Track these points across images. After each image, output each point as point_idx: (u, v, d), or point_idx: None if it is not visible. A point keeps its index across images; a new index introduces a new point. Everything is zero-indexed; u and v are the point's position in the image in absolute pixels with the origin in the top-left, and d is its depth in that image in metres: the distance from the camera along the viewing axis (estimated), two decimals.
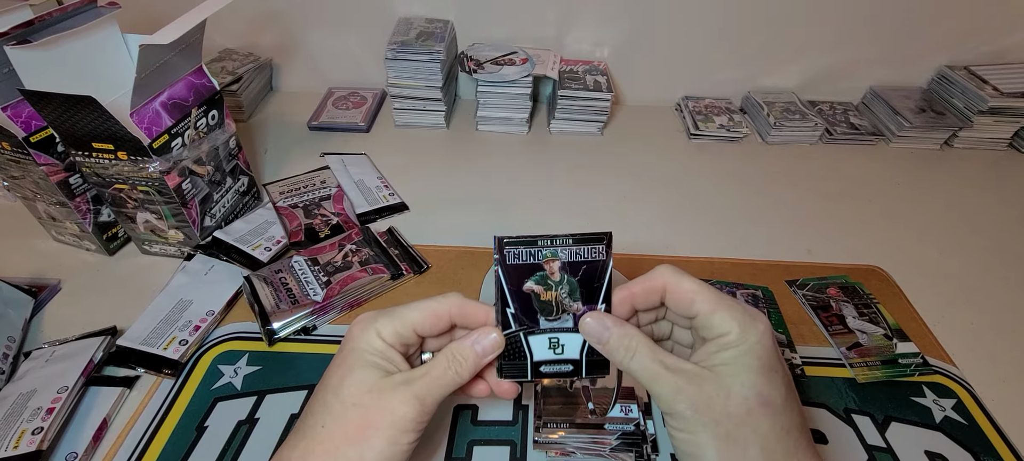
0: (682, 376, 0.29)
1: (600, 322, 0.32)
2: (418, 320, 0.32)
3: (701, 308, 0.31)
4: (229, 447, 0.40)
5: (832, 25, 0.81)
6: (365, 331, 0.32)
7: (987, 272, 0.59)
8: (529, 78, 0.76)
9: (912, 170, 0.76)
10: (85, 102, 0.42)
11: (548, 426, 0.41)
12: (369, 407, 0.29)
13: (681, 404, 0.29)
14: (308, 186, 0.66)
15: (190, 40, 0.50)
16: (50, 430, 0.38)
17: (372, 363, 0.31)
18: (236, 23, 0.86)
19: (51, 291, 0.53)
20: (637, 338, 0.31)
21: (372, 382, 0.30)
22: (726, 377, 0.29)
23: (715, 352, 0.30)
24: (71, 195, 0.51)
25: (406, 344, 0.32)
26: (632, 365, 0.31)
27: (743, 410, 0.28)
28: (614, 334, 0.31)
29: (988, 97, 0.75)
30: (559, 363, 0.34)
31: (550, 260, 0.32)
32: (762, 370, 0.29)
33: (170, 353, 0.45)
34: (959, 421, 0.44)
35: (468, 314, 0.33)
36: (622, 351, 0.31)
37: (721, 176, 0.73)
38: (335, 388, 0.30)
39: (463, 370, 0.32)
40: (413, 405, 0.30)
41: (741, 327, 0.29)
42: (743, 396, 0.28)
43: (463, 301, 0.33)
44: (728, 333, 0.30)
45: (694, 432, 0.28)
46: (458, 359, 0.32)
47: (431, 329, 0.33)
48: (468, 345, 0.32)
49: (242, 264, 0.54)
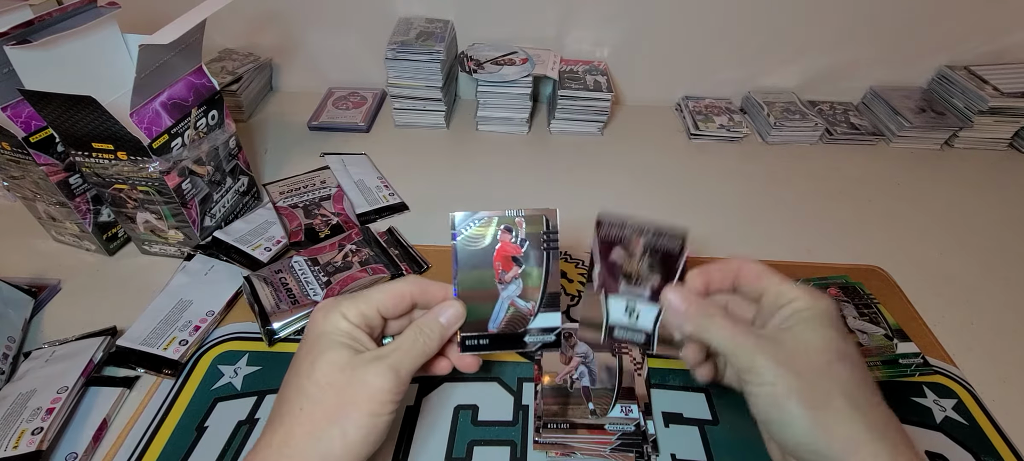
0: (760, 337, 0.31)
1: (681, 293, 0.34)
2: (381, 300, 0.34)
3: (769, 284, 0.33)
4: (229, 447, 0.40)
5: (832, 25, 0.81)
6: (329, 315, 0.33)
7: (987, 272, 0.59)
8: (529, 78, 0.76)
9: (912, 170, 0.76)
10: (85, 102, 0.42)
11: (548, 426, 0.41)
12: (345, 385, 0.30)
13: (762, 358, 0.30)
14: (308, 186, 0.66)
15: (190, 40, 0.50)
16: (50, 430, 0.38)
17: (341, 344, 0.32)
18: (236, 23, 0.86)
19: (51, 291, 0.53)
20: (714, 306, 0.33)
21: (344, 361, 0.31)
22: (804, 335, 0.31)
23: (788, 316, 0.32)
24: (71, 195, 0.51)
25: (371, 325, 0.34)
26: (712, 328, 0.32)
27: (824, 361, 0.29)
28: (694, 303, 0.34)
29: (988, 97, 0.75)
30: (633, 331, 0.36)
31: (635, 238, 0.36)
32: (835, 328, 0.31)
33: (170, 353, 0.45)
34: (959, 421, 0.44)
35: (428, 292, 0.36)
36: (701, 317, 0.33)
37: (721, 176, 0.73)
38: (308, 372, 0.31)
39: (431, 340, 0.34)
40: (389, 376, 0.31)
41: (810, 295, 0.32)
42: (824, 349, 0.30)
43: (422, 281, 0.36)
44: (797, 299, 0.32)
45: (775, 383, 0.29)
46: (425, 331, 0.34)
47: (394, 309, 0.35)
48: (433, 316, 0.34)
49: (242, 264, 0.54)
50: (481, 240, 0.36)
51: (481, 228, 0.36)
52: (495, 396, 0.44)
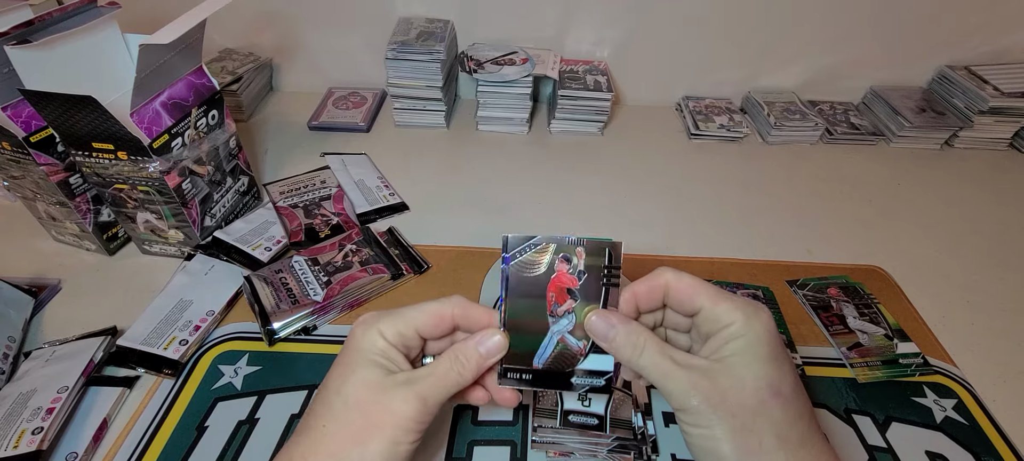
0: (694, 371, 0.29)
1: (605, 319, 0.32)
2: (421, 321, 0.32)
3: (704, 302, 0.31)
4: (229, 447, 0.40)
5: (832, 25, 0.81)
6: (367, 331, 0.31)
7: (987, 272, 0.59)
8: (529, 78, 0.76)
9: (912, 170, 0.76)
10: (85, 102, 0.42)
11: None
12: (371, 406, 0.29)
13: (695, 399, 0.29)
14: (308, 186, 0.66)
15: (190, 40, 0.50)
16: (50, 430, 0.38)
17: (374, 362, 0.31)
18: (236, 23, 0.86)
19: (51, 291, 0.53)
20: (644, 334, 0.31)
21: (375, 381, 0.30)
22: (737, 368, 0.29)
23: (722, 344, 0.30)
24: (71, 195, 0.51)
25: (408, 345, 0.32)
26: (641, 361, 0.30)
27: (756, 400, 0.28)
28: (620, 331, 0.31)
29: (988, 97, 0.75)
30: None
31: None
32: (771, 359, 0.29)
33: (170, 353, 0.45)
34: (960, 421, 0.44)
35: (471, 316, 0.33)
36: (629, 348, 0.31)
37: (721, 176, 0.73)
38: (337, 388, 0.30)
39: (466, 370, 0.32)
40: (415, 404, 0.29)
41: (745, 316, 0.30)
42: (755, 386, 0.28)
43: (466, 303, 0.33)
44: (732, 323, 0.29)
45: (709, 426, 0.28)
46: (461, 359, 0.32)
47: (433, 330, 0.33)
48: (472, 346, 0.32)
49: (242, 264, 0.54)
50: (535, 267, 0.33)
51: (536, 254, 0.33)
52: None
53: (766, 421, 0.28)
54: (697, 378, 0.29)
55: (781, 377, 0.29)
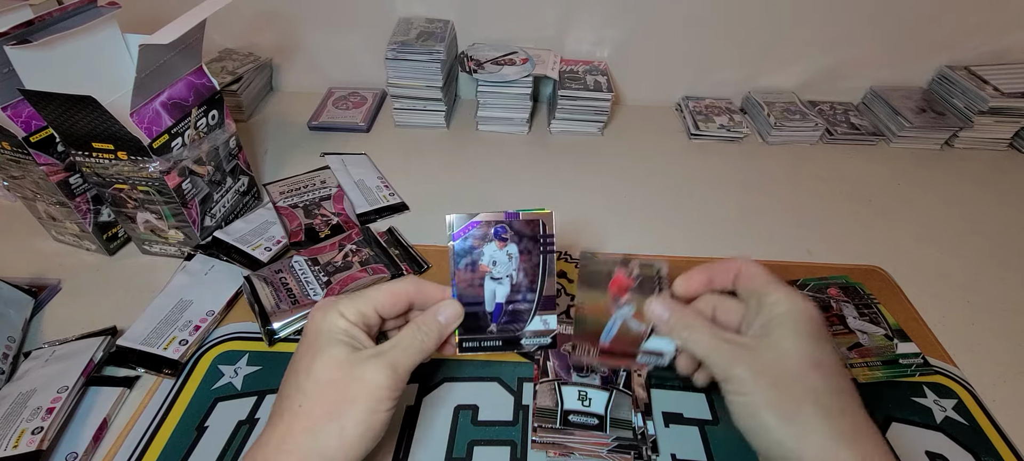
0: (738, 345, 0.32)
1: (664, 302, 0.36)
2: (379, 300, 0.34)
3: (761, 284, 0.34)
4: (229, 447, 0.40)
5: (832, 25, 0.81)
6: (328, 313, 0.33)
7: (988, 272, 0.59)
8: (529, 78, 0.76)
9: (912, 170, 0.76)
10: (85, 102, 0.42)
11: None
12: (343, 381, 0.30)
13: (738, 368, 0.31)
14: (308, 186, 0.66)
15: (190, 40, 0.50)
16: (50, 430, 0.38)
17: (340, 341, 0.32)
18: (236, 23, 0.86)
19: (51, 291, 0.53)
20: (694, 315, 0.35)
21: (343, 358, 0.31)
22: (779, 342, 0.31)
23: (767, 322, 0.32)
24: (71, 195, 0.51)
25: (368, 324, 0.34)
26: (693, 338, 0.34)
27: (797, 371, 0.30)
28: (675, 313, 0.35)
29: (988, 97, 0.75)
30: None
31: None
32: (812, 336, 0.31)
33: (170, 353, 0.45)
34: (960, 421, 0.44)
35: (425, 292, 0.36)
36: (682, 327, 0.35)
37: (721, 176, 0.73)
38: (307, 368, 0.31)
39: (429, 338, 0.34)
40: (387, 373, 0.31)
41: (789, 298, 0.33)
42: (797, 358, 0.30)
43: (420, 281, 0.36)
44: (777, 303, 0.33)
45: (751, 393, 0.31)
46: (424, 329, 0.34)
47: (391, 309, 0.35)
48: (431, 315, 0.35)
49: (242, 264, 0.54)
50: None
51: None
52: (495, 396, 0.44)
53: (806, 390, 0.30)
54: (741, 351, 0.32)
55: (822, 353, 0.31)
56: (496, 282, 0.37)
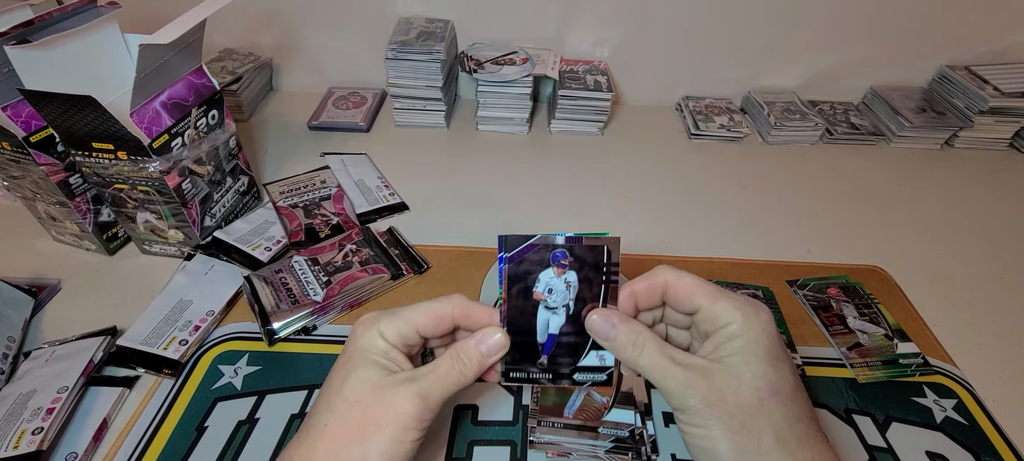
0: (692, 370, 0.29)
1: (606, 319, 0.32)
2: (421, 321, 0.32)
3: (702, 301, 0.31)
4: (229, 447, 0.40)
5: (832, 25, 0.81)
6: (368, 331, 0.31)
7: (988, 272, 0.59)
8: (529, 78, 0.76)
9: (912, 170, 0.76)
10: (85, 102, 0.42)
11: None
12: (372, 404, 0.29)
13: (693, 398, 0.29)
14: (308, 186, 0.66)
15: (190, 40, 0.50)
16: (50, 430, 0.38)
17: (375, 362, 0.31)
18: (236, 23, 0.86)
19: (51, 291, 0.53)
20: (644, 333, 0.31)
21: (375, 380, 0.30)
22: (735, 368, 0.29)
23: (721, 343, 0.30)
24: (71, 195, 0.51)
25: (409, 345, 0.32)
26: (640, 361, 0.31)
27: (755, 400, 0.28)
28: (621, 331, 0.31)
29: (989, 97, 0.75)
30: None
31: None
32: (769, 359, 0.29)
33: (170, 353, 0.45)
34: (960, 421, 0.44)
35: (471, 316, 0.33)
36: (630, 347, 0.31)
37: (721, 176, 0.73)
38: (338, 387, 0.30)
39: (468, 369, 0.32)
40: (416, 402, 0.29)
41: (744, 315, 0.30)
42: (754, 386, 0.28)
43: (466, 302, 0.33)
44: (731, 323, 0.30)
45: (707, 426, 0.28)
46: (463, 359, 0.32)
47: (434, 330, 0.33)
48: (473, 344, 0.32)
49: (242, 264, 0.54)
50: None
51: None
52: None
53: (765, 421, 0.28)
54: (695, 377, 0.29)
55: (780, 377, 0.29)
56: (551, 312, 0.33)
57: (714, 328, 0.30)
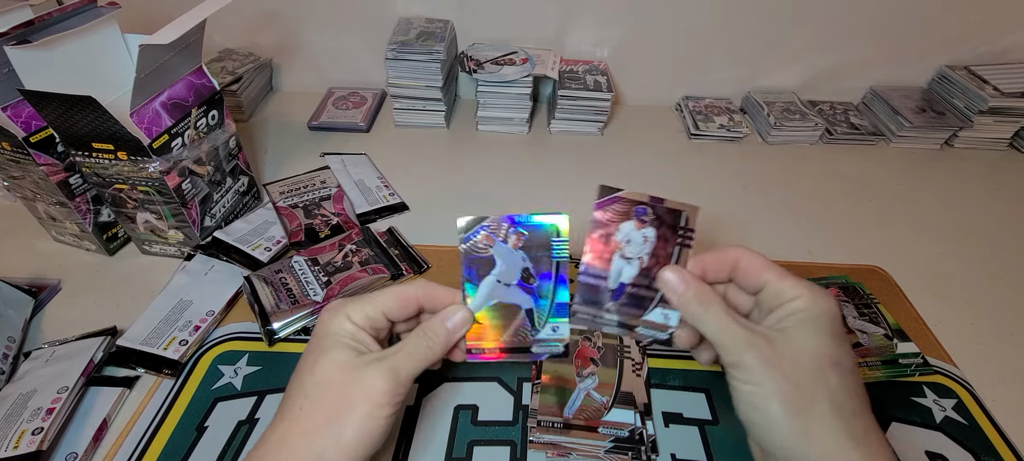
0: (754, 332, 0.31)
1: (679, 275, 0.33)
2: (387, 304, 0.34)
3: (771, 277, 0.32)
4: (229, 447, 0.40)
5: (832, 25, 0.81)
6: (335, 316, 0.33)
7: (987, 272, 0.59)
8: (529, 78, 0.76)
9: (912, 170, 0.76)
10: (85, 102, 0.42)
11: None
12: (344, 384, 0.30)
13: (750, 355, 0.30)
14: (308, 186, 0.66)
15: (190, 40, 0.50)
16: (50, 430, 0.38)
17: (344, 344, 0.32)
18: (236, 23, 0.86)
19: (51, 291, 0.53)
20: (712, 293, 0.33)
21: (345, 361, 0.31)
22: (798, 337, 0.30)
23: (785, 316, 0.31)
24: (71, 195, 0.51)
25: (376, 327, 0.33)
26: (706, 317, 0.32)
27: (814, 367, 0.29)
28: (692, 287, 0.33)
29: (988, 97, 0.75)
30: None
31: None
32: (832, 335, 0.30)
33: (170, 353, 0.45)
34: (960, 421, 0.44)
35: (435, 297, 0.35)
36: (696, 303, 0.32)
37: (721, 176, 0.73)
38: (309, 369, 0.31)
39: (435, 345, 0.33)
40: (388, 378, 0.30)
41: (811, 292, 0.31)
42: (816, 354, 0.29)
43: (430, 285, 0.35)
44: (797, 298, 0.31)
45: (761, 384, 0.29)
46: (430, 335, 0.33)
47: (400, 313, 0.34)
48: (439, 321, 0.34)
49: (242, 264, 0.54)
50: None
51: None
52: (495, 396, 0.44)
53: (822, 387, 0.29)
54: (756, 338, 0.30)
55: (842, 352, 0.30)
56: (626, 261, 0.35)
57: (779, 303, 0.31)
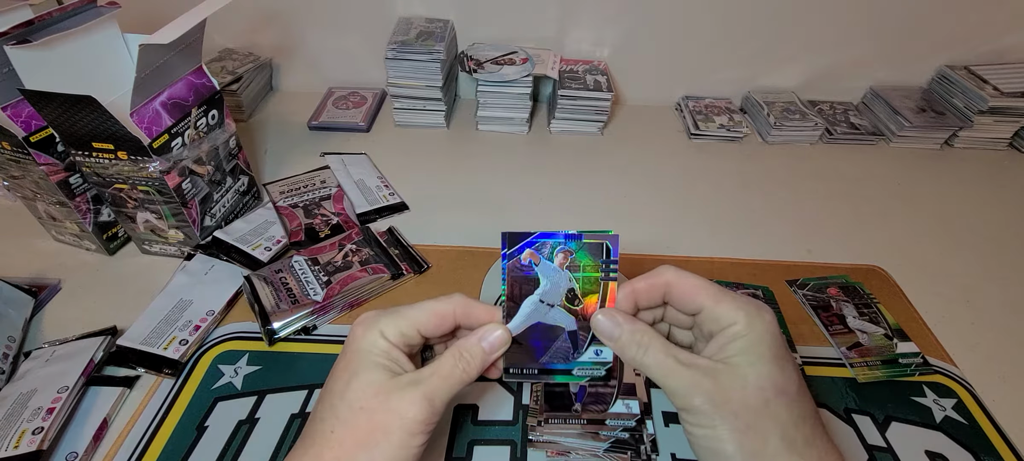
0: (697, 370, 0.29)
1: (611, 319, 0.32)
2: (422, 320, 0.32)
3: (705, 301, 0.31)
4: (229, 447, 0.40)
5: (832, 25, 0.81)
6: (368, 331, 0.31)
7: (987, 272, 0.59)
8: (529, 78, 0.76)
9: (912, 170, 0.76)
10: (85, 102, 0.42)
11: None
12: (377, 410, 0.29)
13: (698, 398, 0.28)
14: (308, 186, 0.66)
15: (190, 40, 0.50)
16: (50, 430, 0.38)
17: (377, 364, 0.30)
18: (236, 23, 0.86)
19: (51, 291, 0.53)
20: (649, 333, 0.31)
21: (379, 384, 0.29)
22: (740, 368, 0.29)
23: (725, 344, 0.30)
24: (71, 195, 0.51)
25: (410, 344, 0.32)
26: (646, 360, 0.30)
27: (761, 400, 0.28)
28: (626, 330, 0.31)
29: (988, 97, 0.75)
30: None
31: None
32: (775, 359, 0.29)
33: (170, 353, 0.45)
34: (959, 421, 0.44)
35: (472, 314, 0.33)
36: (634, 347, 0.31)
37: (721, 176, 0.73)
38: (341, 392, 0.30)
39: (471, 367, 0.31)
40: (422, 406, 0.29)
41: (747, 316, 0.30)
42: (759, 386, 0.28)
43: (467, 301, 0.33)
44: (735, 323, 0.30)
45: (713, 426, 0.28)
46: (466, 357, 0.31)
47: (435, 330, 0.33)
48: (475, 341, 0.32)
49: (242, 264, 0.54)
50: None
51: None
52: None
53: (771, 421, 0.28)
54: (700, 377, 0.29)
55: (785, 378, 0.29)
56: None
57: (717, 328, 0.30)
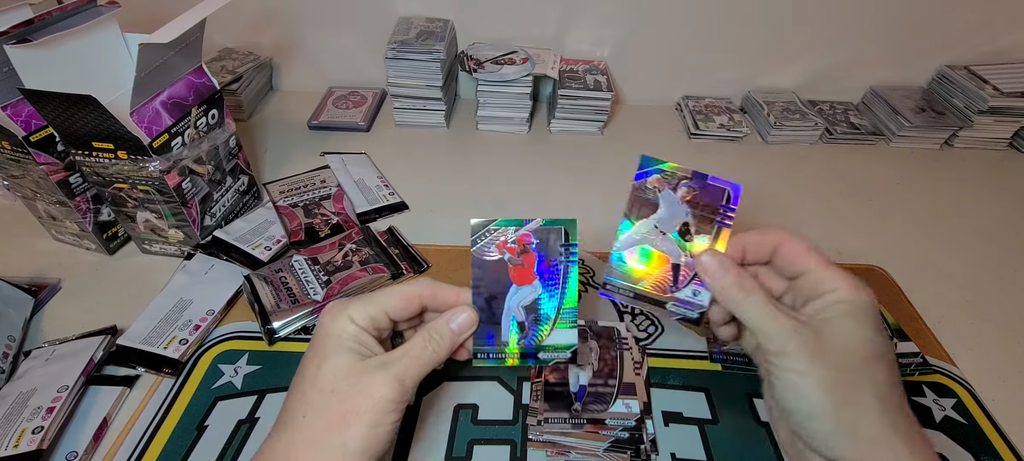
0: (798, 322, 0.30)
1: (719, 261, 0.33)
2: (390, 304, 0.33)
3: (813, 264, 0.32)
4: (229, 446, 0.40)
5: (832, 25, 0.81)
6: (337, 318, 0.32)
7: (987, 272, 0.59)
8: (529, 77, 0.76)
9: (912, 170, 0.76)
10: (85, 101, 0.42)
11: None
12: (348, 393, 0.29)
13: (796, 344, 0.29)
14: (308, 185, 0.66)
15: (190, 39, 0.50)
16: (50, 429, 0.38)
17: (347, 348, 0.31)
18: (236, 22, 0.86)
19: (51, 290, 0.53)
20: (752, 282, 0.32)
21: (349, 367, 0.30)
22: (843, 329, 0.30)
23: (826, 306, 0.30)
24: (71, 194, 0.51)
25: (379, 328, 0.33)
26: (746, 303, 0.31)
27: (860, 358, 0.29)
28: (731, 274, 0.32)
29: (988, 97, 0.75)
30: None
31: None
32: (875, 328, 0.30)
33: (170, 352, 0.45)
34: (959, 421, 0.44)
35: (439, 296, 0.34)
36: (736, 289, 0.32)
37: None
38: (312, 378, 0.30)
39: (440, 347, 0.32)
40: (393, 386, 0.30)
41: (853, 285, 0.30)
42: (861, 347, 0.29)
43: (434, 284, 0.34)
44: (838, 289, 0.30)
45: (805, 373, 0.29)
46: (435, 337, 0.32)
47: (403, 312, 0.33)
48: (443, 323, 0.33)
49: (242, 263, 0.54)
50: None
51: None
52: (495, 395, 0.44)
53: (868, 379, 0.29)
54: (800, 327, 0.30)
55: (885, 345, 0.30)
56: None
57: (818, 292, 0.31)
